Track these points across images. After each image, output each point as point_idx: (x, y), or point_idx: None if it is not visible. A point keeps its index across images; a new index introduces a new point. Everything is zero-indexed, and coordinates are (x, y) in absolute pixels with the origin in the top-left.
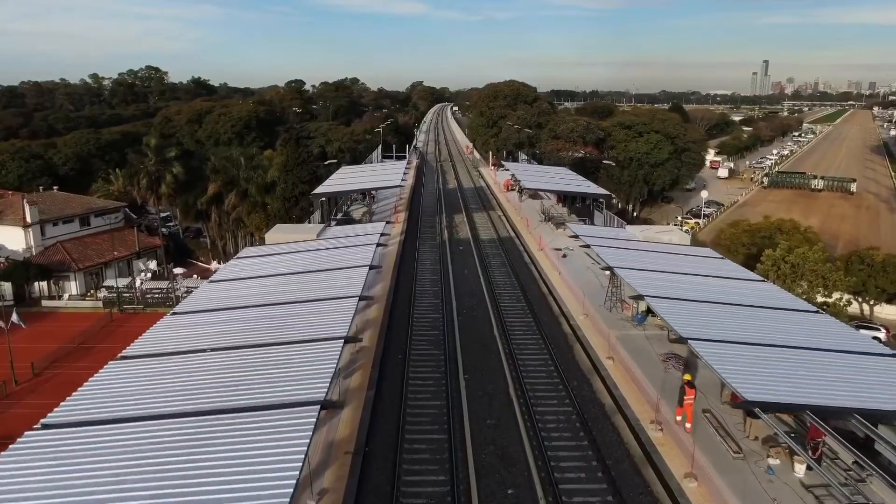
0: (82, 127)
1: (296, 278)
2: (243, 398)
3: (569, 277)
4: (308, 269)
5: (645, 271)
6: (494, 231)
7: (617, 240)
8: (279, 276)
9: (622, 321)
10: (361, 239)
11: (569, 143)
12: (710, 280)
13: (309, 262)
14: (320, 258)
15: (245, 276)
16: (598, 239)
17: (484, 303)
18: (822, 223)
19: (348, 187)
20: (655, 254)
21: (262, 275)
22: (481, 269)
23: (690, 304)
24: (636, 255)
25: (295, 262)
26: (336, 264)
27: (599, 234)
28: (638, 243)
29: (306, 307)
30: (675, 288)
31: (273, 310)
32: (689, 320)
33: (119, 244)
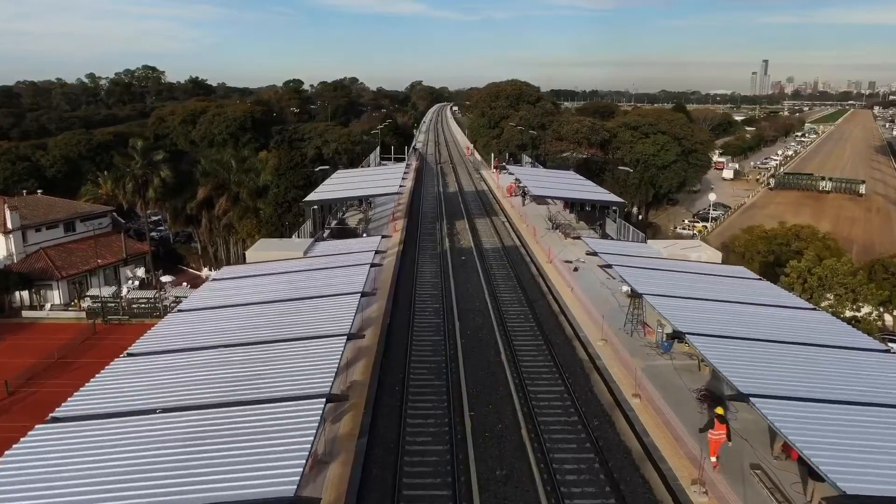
0: (76, 127)
1: (275, 310)
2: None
3: (582, 295)
4: (291, 297)
5: (679, 299)
6: (498, 239)
7: (639, 258)
8: (256, 304)
9: (645, 348)
10: (353, 258)
11: (573, 145)
12: (756, 310)
13: (292, 288)
14: (306, 282)
15: (217, 304)
16: (619, 258)
17: (489, 322)
18: (833, 227)
19: (342, 194)
20: (686, 276)
21: (237, 303)
22: (486, 283)
23: (742, 346)
24: (666, 279)
25: (276, 287)
26: (323, 290)
27: (620, 251)
28: (664, 262)
29: (284, 350)
30: (719, 321)
31: (243, 354)
32: (745, 369)
33: (106, 250)
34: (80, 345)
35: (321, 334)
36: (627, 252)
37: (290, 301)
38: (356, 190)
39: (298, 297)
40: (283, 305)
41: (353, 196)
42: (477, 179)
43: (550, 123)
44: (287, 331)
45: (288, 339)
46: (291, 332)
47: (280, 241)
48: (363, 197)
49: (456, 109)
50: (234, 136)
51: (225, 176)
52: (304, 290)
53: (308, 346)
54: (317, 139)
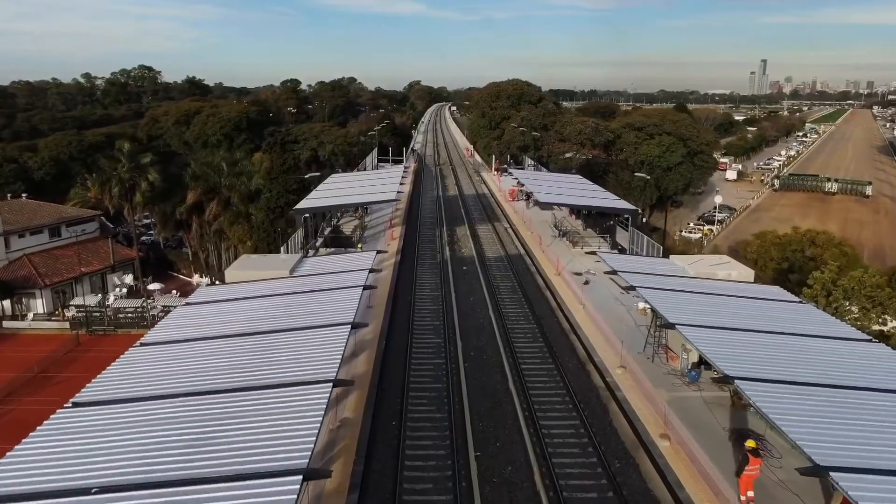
0: (69, 128)
1: (251, 346)
2: None
3: (595, 312)
4: (270, 328)
5: (718, 330)
6: (502, 247)
7: (664, 277)
8: (229, 338)
9: (669, 376)
10: (344, 279)
11: (576, 146)
12: (808, 343)
13: (273, 316)
14: (289, 310)
15: (184, 336)
16: (642, 278)
17: (494, 342)
18: (841, 230)
19: (336, 202)
20: (720, 300)
21: (207, 335)
22: (489, 296)
23: (809, 398)
24: (698, 304)
25: (256, 315)
26: (308, 319)
27: (642, 269)
28: (692, 283)
29: (254, 403)
30: (770, 360)
31: (204, 404)
32: (818, 431)
33: (93, 257)
34: (62, 358)
35: (301, 380)
36: (650, 270)
37: (269, 334)
38: (351, 196)
39: (279, 329)
40: (261, 340)
41: (347, 204)
42: (477, 182)
43: (553, 124)
44: (261, 375)
45: (261, 385)
46: (266, 377)
47: (264, 257)
48: (358, 204)
49: (454, 109)
50: (229, 136)
51: (216, 179)
52: (286, 319)
53: (284, 398)
54: (312, 140)
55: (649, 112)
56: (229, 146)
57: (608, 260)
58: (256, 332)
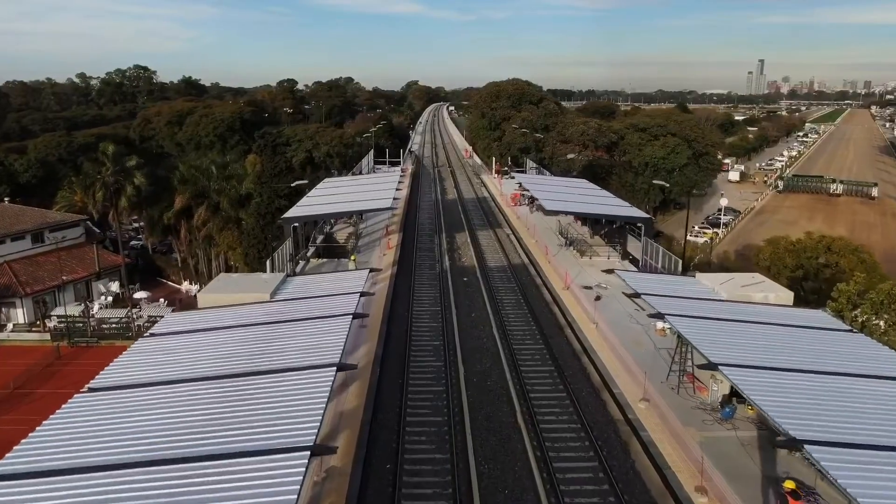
0: (60, 128)
1: (217, 394)
2: None
3: (609, 332)
4: (242, 370)
5: (768, 371)
6: (504, 256)
7: (694, 301)
8: (193, 382)
9: (699, 411)
10: (332, 305)
11: (578, 147)
12: (880, 389)
13: (249, 353)
14: (266, 345)
15: (140, 380)
16: (670, 302)
17: (500, 366)
18: (849, 232)
19: (327, 210)
20: (762, 329)
21: (166, 379)
22: (492, 312)
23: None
24: (739, 336)
25: (227, 351)
26: (288, 359)
27: (666, 290)
28: (728, 308)
29: (213, 475)
30: (842, 414)
31: (151, 478)
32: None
33: (77, 263)
34: (41, 372)
35: (274, 446)
36: (677, 292)
37: (241, 378)
38: (343, 204)
39: (252, 371)
40: (231, 387)
41: (340, 212)
42: (477, 185)
43: (554, 125)
44: (224, 437)
45: (222, 453)
46: (230, 440)
47: (243, 277)
48: (350, 213)
49: (452, 109)
50: (222, 137)
51: (204, 183)
52: (263, 357)
53: (250, 469)
54: (307, 142)
55: (652, 112)
56: (222, 147)
57: (629, 280)
58: (226, 374)
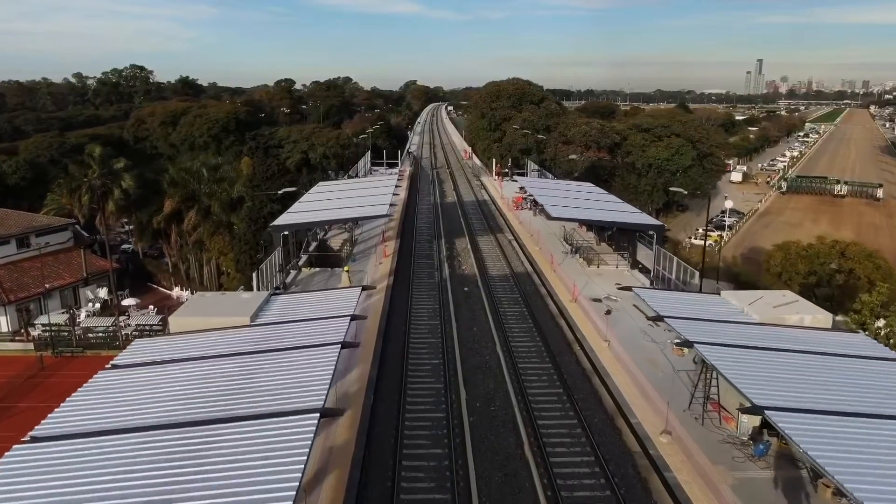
0: (54, 129)
1: (178, 448)
2: None
3: (623, 351)
4: (212, 416)
5: (822, 416)
6: (506, 264)
7: (724, 326)
8: (151, 431)
9: (728, 446)
10: (319, 331)
11: (580, 148)
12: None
13: (219, 393)
14: (241, 381)
15: (91, 427)
16: (696, 326)
17: (504, 388)
18: (856, 234)
19: (319, 217)
20: (804, 360)
21: (121, 426)
22: (495, 326)
23: None
24: (781, 369)
25: (195, 391)
26: (264, 401)
27: (691, 312)
28: (760, 333)
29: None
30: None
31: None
32: None
33: (64, 269)
34: (23, 384)
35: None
36: (703, 314)
37: (208, 426)
38: (337, 210)
39: (222, 418)
40: (194, 439)
41: (333, 219)
42: (477, 187)
43: (556, 125)
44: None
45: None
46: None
47: (221, 298)
48: (343, 220)
49: (451, 109)
50: (217, 138)
51: (195, 186)
52: (235, 397)
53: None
54: (302, 143)
55: (655, 112)
56: (217, 148)
57: (649, 300)
58: (192, 421)
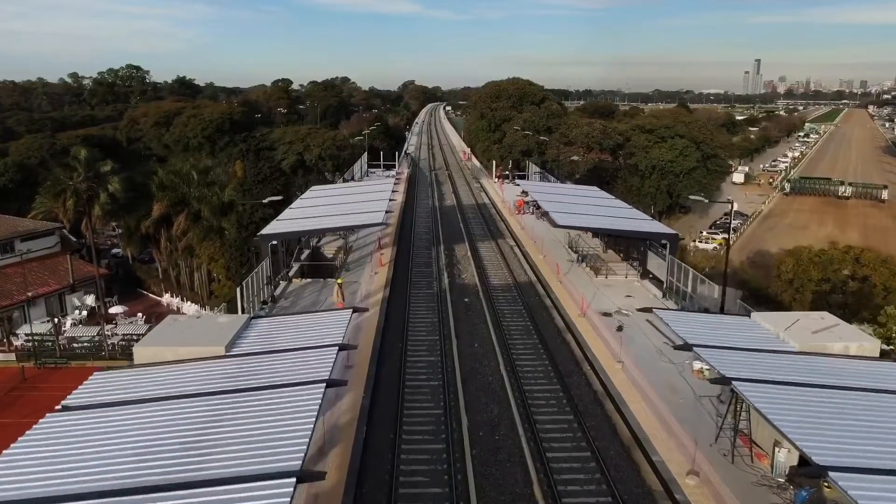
0: (47, 129)
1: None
2: None
3: (638, 375)
4: (168, 479)
5: (892, 476)
6: (509, 272)
7: (762, 356)
8: (97, 499)
9: (763, 489)
10: (302, 364)
11: (582, 149)
12: None
13: (180, 448)
14: (208, 431)
15: (23, 495)
16: (732, 357)
17: (509, 414)
18: (863, 238)
19: (310, 225)
20: (858, 399)
21: (62, 491)
22: (498, 343)
23: None
24: (837, 413)
25: (154, 443)
26: (232, 459)
27: (723, 340)
28: (804, 365)
29: None
30: None
31: None
32: None
33: (50, 275)
34: (3, 397)
35: None
36: (737, 342)
37: (163, 492)
38: (330, 218)
39: (178, 484)
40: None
41: (324, 228)
42: (477, 190)
43: (558, 126)
44: None
45: None
46: None
47: (196, 322)
48: (336, 229)
49: (449, 109)
50: (211, 139)
51: (184, 190)
52: (196, 454)
53: None
54: (298, 144)
55: (658, 112)
56: (212, 149)
57: (674, 324)
58: (145, 486)
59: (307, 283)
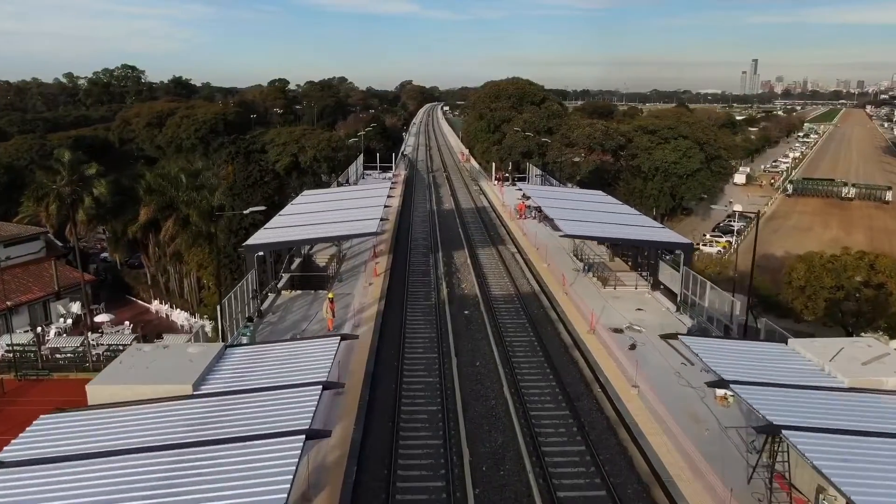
0: (39, 130)
1: None
2: None
3: (655, 400)
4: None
5: None
6: (511, 282)
7: (807, 391)
8: None
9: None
10: (279, 408)
11: (584, 150)
12: None
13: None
14: (166, 497)
15: None
16: (775, 396)
17: (515, 444)
18: (869, 240)
19: (299, 235)
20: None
21: None
22: (501, 361)
23: None
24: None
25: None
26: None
27: (757, 371)
28: (857, 403)
29: None
30: None
31: None
32: None
33: (34, 282)
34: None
35: None
36: (778, 375)
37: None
38: (320, 227)
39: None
40: None
41: (314, 238)
42: (476, 192)
43: (558, 127)
44: None
45: None
46: None
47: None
48: (328, 239)
49: (447, 109)
50: (204, 140)
51: (173, 193)
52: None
53: None
54: (292, 145)
55: (658, 112)
56: (205, 150)
57: (706, 356)
58: None
59: (297, 296)
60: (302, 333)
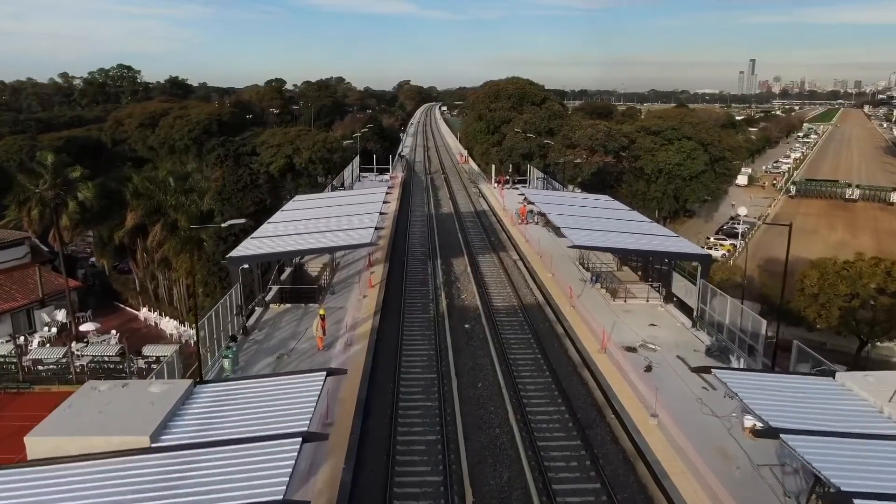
0: (32, 130)
1: None
2: None
3: (678, 434)
4: None
5: None
6: (513, 292)
7: (870, 440)
8: None
9: None
10: (251, 465)
11: (586, 152)
12: None
13: None
14: None
15: None
16: (829, 448)
17: (522, 479)
18: (875, 242)
19: (288, 245)
20: None
21: None
22: (506, 383)
23: None
24: None
25: None
26: None
27: (811, 417)
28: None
29: None
30: None
31: None
32: None
33: (18, 289)
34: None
35: None
36: (832, 421)
37: None
38: (310, 236)
39: None
40: None
41: (304, 250)
42: (475, 195)
43: (560, 128)
44: None
45: None
46: None
47: (118, 394)
48: (319, 250)
49: (445, 110)
50: (198, 141)
51: (161, 197)
52: None
53: None
54: (287, 146)
55: (659, 112)
56: (198, 152)
57: (747, 398)
58: None
59: (286, 310)
60: (290, 353)
